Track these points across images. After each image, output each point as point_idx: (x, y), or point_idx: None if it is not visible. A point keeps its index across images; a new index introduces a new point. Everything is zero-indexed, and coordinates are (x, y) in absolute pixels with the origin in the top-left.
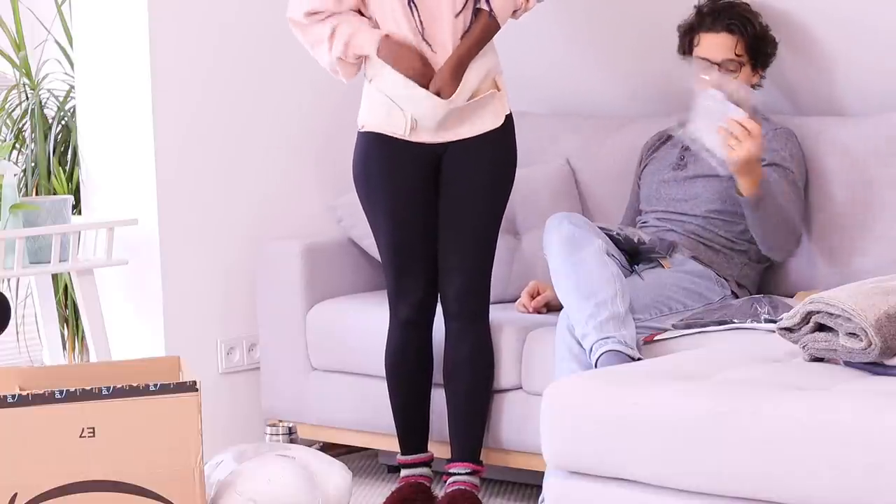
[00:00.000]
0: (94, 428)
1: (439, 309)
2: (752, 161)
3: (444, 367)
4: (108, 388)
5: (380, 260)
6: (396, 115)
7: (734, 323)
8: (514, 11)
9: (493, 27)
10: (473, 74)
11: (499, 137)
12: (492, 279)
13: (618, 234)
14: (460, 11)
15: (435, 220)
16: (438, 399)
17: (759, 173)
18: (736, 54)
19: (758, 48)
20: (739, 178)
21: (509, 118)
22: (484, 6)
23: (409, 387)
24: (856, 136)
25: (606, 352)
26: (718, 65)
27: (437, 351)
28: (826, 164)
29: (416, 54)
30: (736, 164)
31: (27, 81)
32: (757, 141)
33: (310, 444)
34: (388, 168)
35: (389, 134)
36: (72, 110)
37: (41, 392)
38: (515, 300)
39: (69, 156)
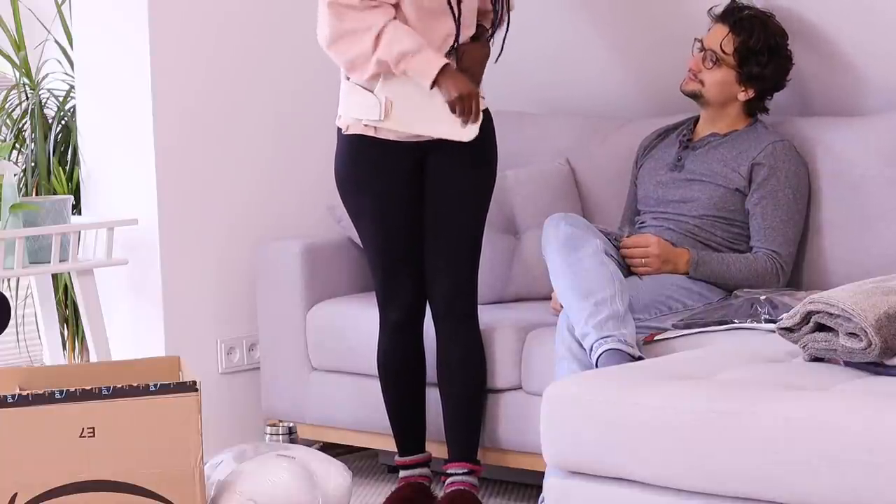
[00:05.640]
0: (94, 428)
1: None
2: (666, 263)
3: (437, 368)
4: (108, 388)
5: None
6: (370, 100)
7: (734, 323)
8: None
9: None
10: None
11: (480, 135)
12: (492, 279)
13: (616, 237)
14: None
15: (421, 222)
16: (435, 399)
17: (679, 254)
18: (722, 49)
19: (746, 58)
20: (670, 270)
21: (487, 113)
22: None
23: (403, 388)
24: (856, 137)
25: (607, 350)
26: (703, 52)
27: (432, 351)
28: (826, 163)
29: (469, 82)
30: (657, 271)
31: (27, 81)
32: (655, 250)
33: (310, 444)
34: (374, 171)
35: (370, 131)
36: (72, 110)
37: (41, 392)
38: (515, 300)
39: (69, 156)
